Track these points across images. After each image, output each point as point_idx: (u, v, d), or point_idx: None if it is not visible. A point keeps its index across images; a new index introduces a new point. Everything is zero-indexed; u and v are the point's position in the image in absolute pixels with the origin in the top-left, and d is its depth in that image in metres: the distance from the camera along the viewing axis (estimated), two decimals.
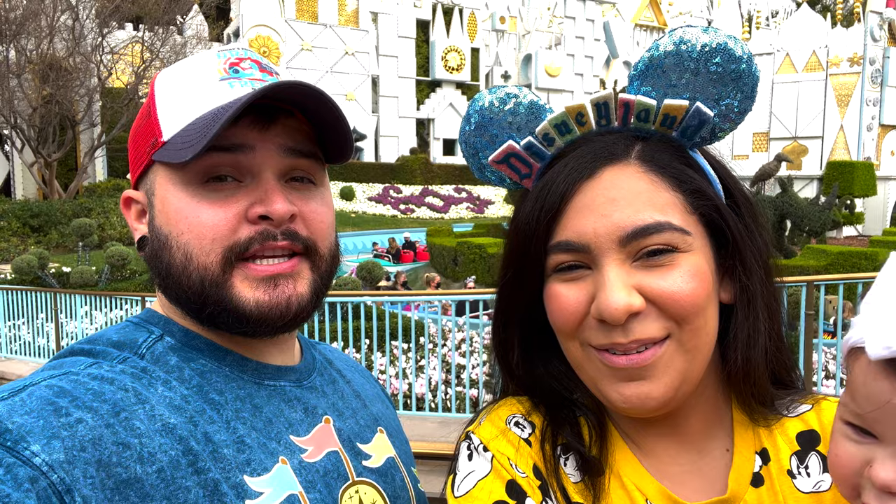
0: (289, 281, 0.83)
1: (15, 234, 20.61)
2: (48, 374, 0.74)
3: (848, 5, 35.48)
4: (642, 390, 0.73)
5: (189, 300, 0.83)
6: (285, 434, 0.85)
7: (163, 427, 0.73)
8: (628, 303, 0.71)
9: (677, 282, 0.72)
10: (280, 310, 0.82)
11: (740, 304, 0.78)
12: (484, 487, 0.78)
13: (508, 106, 0.84)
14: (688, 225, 0.74)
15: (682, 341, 0.73)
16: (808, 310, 5.21)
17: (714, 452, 0.81)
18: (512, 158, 0.81)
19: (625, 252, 0.72)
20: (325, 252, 0.88)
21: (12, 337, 9.94)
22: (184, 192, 0.81)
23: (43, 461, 0.63)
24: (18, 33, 23.80)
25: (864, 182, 27.41)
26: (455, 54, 38.52)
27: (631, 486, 0.78)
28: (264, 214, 0.81)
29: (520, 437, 0.82)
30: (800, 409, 0.83)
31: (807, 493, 0.78)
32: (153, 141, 0.84)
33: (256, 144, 0.81)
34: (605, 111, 0.78)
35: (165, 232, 0.83)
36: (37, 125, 24.98)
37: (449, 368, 6.34)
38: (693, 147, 0.80)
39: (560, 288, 0.76)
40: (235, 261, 0.81)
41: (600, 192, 0.74)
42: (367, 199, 31.31)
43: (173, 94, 0.85)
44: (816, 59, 31.04)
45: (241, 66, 0.86)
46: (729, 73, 0.76)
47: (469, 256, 17.25)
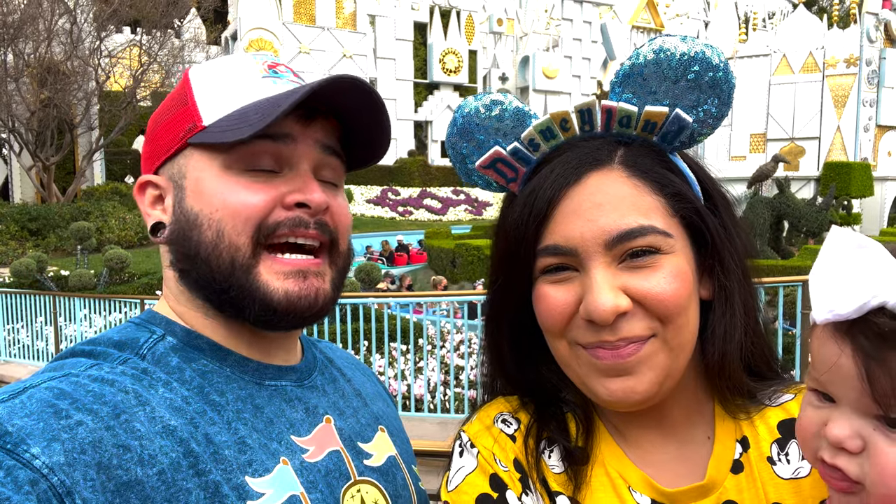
0: (317, 277, 0.86)
1: (13, 237, 20.56)
2: (48, 375, 0.74)
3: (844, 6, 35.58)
4: (627, 385, 0.77)
5: (214, 281, 0.83)
6: (286, 434, 0.85)
7: (163, 429, 0.73)
8: (615, 304, 0.74)
9: (661, 283, 0.75)
10: (309, 301, 0.84)
11: (718, 301, 0.82)
12: (471, 482, 0.83)
13: (494, 112, 0.87)
14: (670, 227, 0.77)
15: (667, 339, 0.76)
16: (805, 309, 5.22)
17: (696, 441, 0.84)
18: (498, 163, 0.84)
19: (610, 255, 0.76)
20: (343, 249, 0.91)
21: (11, 340, 9.91)
22: (223, 174, 0.84)
23: (43, 464, 0.63)
24: (16, 37, 23.76)
25: (861, 183, 27.45)
26: (453, 56, 38.53)
27: (615, 474, 0.82)
28: (302, 202, 0.84)
29: (504, 433, 0.87)
30: (782, 398, 0.86)
31: (786, 479, 0.81)
32: (190, 126, 0.86)
33: (298, 136, 0.85)
34: (588, 117, 0.81)
35: (196, 210, 0.84)
36: (35, 129, 24.93)
37: (448, 370, 6.34)
38: (673, 151, 0.83)
39: (548, 289, 0.79)
40: (264, 242, 0.83)
41: (586, 197, 0.77)
42: (365, 201, 31.28)
43: (214, 85, 0.88)
44: (813, 61, 31.08)
45: (278, 70, 0.91)
46: (706, 81, 0.79)
47: (467, 258, 17.24)
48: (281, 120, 0.81)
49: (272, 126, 0.80)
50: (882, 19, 31.06)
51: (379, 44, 36.32)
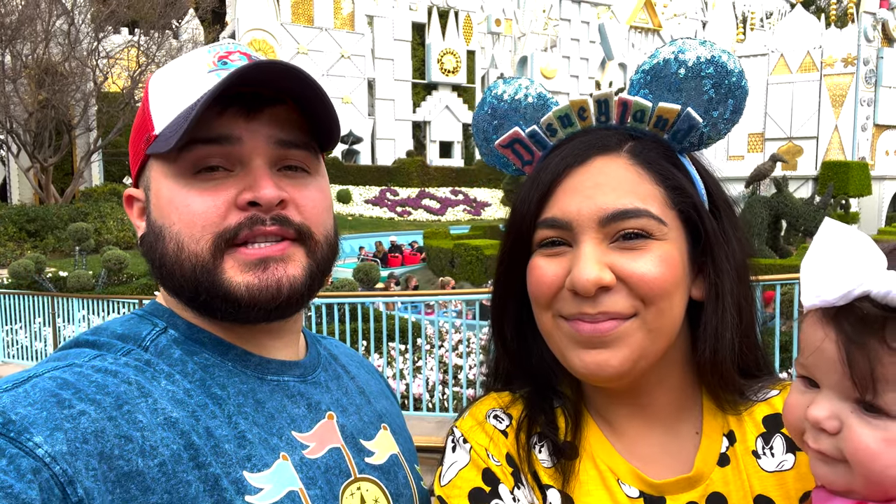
0: (279, 264, 0.83)
1: (11, 238, 20.52)
2: (52, 365, 0.75)
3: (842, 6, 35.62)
4: (601, 357, 0.79)
5: (183, 289, 0.83)
6: (287, 430, 0.85)
7: (165, 421, 0.74)
8: (599, 276, 0.76)
9: (647, 264, 0.77)
10: (271, 292, 0.82)
11: (709, 300, 0.84)
12: (463, 476, 0.85)
13: (519, 95, 0.91)
14: (665, 217, 0.80)
15: (647, 320, 0.78)
16: (802, 307, 5.22)
17: (684, 434, 0.86)
18: (516, 144, 0.88)
19: (603, 232, 0.78)
20: (320, 238, 0.88)
21: (10, 341, 9.91)
22: (175, 182, 0.82)
23: (45, 452, 0.64)
24: (14, 38, 23.71)
25: (859, 182, 27.48)
26: (451, 57, 38.51)
27: (603, 466, 0.84)
28: (253, 200, 0.81)
29: (497, 428, 0.89)
30: (768, 394, 0.88)
31: (770, 472, 0.83)
32: (147, 136, 0.85)
33: (243, 135, 0.82)
34: (605, 108, 0.85)
35: (160, 224, 0.84)
36: (33, 130, 24.87)
37: (446, 369, 6.35)
38: (682, 151, 0.86)
39: (541, 261, 0.82)
40: (226, 247, 0.81)
41: (588, 176, 0.80)
42: (363, 201, 31.25)
43: (164, 88, 0.86)
44: (811, 60, 31.11)
45: (229, 59, 0.87)
46: (721, 85, 0.82)
47: (466, 258, 17.24)
48: (218, 121, 0.79)
49: (203, 131, 0.78)
50: (879, 19, 31.09)
51: (377, 44, 36.30)
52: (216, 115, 0.80)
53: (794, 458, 0.84)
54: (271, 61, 0.80)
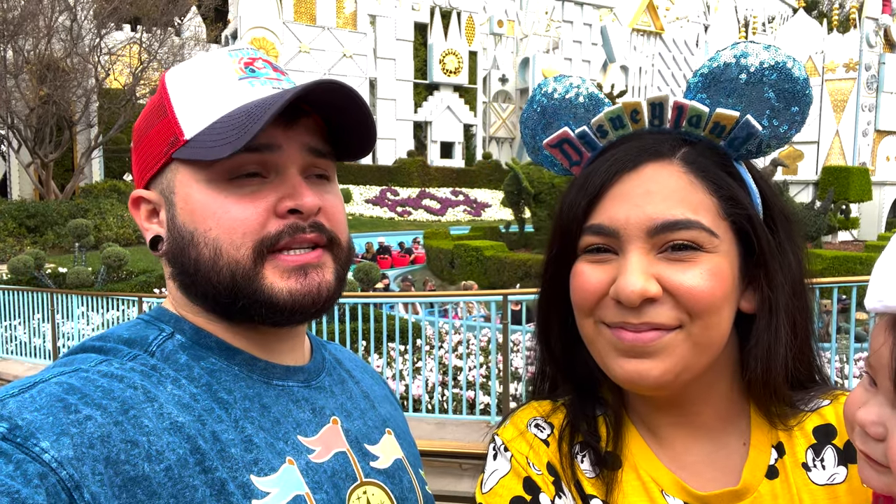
0: (317, 270, 0.86)
1: (11, 234, 20.52)
2: (58, 370, 0.75)
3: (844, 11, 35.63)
4: (643, 367, 0.77)
5: (219, 295, 0.83)
6: (293, 434, 0.85)
7: (171, 425, 0.74)
8: (644, 287, 0.74)
9: (696, 278, 0.75)
10: (312, 297, 0.85)
11: (761, 314, 0.81)
12: (504, 485, 0.84)
13: (570, 95, 0.89)
14: (717, 228, 0.77)
15: (692, 333, 0.76)
16: None
17: (731, 446, 0.84)
18: (565, 144, 0.86)
19: (651, 242, 0.76)
20: (344, 244, 0.91)
21: (8, 337, 9.90)
22: (209, 188, 0.82)
23: (52, 458, 0.63)
24: (16, 34, 23.70)
25: (860, 187, 27.51)
26: (453, 57, 38.53)
27: (647, 477, 0.82)
28: (294, 208, 0.83)
29: (538, 437, 0.88)
30: (820, 404, 0.85)
31: (821, 486, 0.81)
32: (172, 140, 0.84)
33: (283, 144, 0.84)
34: (659, 111, 0.81)
35: (191, 229, 0.83)
36: (34, 126, 24.87)
37: (446, 370, 6.35)
38: (738, 158, 0.83)
39: (585, 267, 0.80)
40: (267, 253, 0.83)
41: (639, 183, 0.78)
42: (364, 201, 31.27)
43: (191, 93, 0.86)
44: (812, 65, 31.14)
45: (255, 66, 0.88)
46: (783, 92, 0.78)
47: (466, 259, 17.24)
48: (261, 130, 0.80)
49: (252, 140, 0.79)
50: (882, 24, 31.13)
51: (379, 44, 36.32)
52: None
53: (847, 471, 0.81)
54: (335, 84, 0.82)
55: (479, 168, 36.18)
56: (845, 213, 24.64)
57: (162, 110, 0.87)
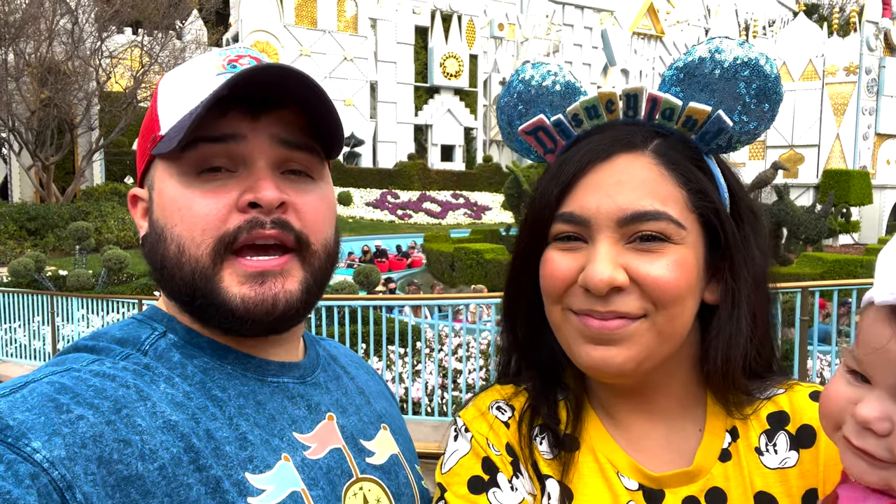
0: (277, 278, 0.82)
1: (12, 237, 20.52)
2: (50, 370, 0.74)
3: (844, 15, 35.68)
4: (608, 354, 0.79)
5: (180, 292, 0.83)
6: (288, 431, 0.85)
7: (164, 424, 0.73)
8: (612, 276, 0.76)
9: (663, 269, 0.77)
10: (266, 307, 0.80)
11: (724, 306, 0.83)
12: (463, 464, 0.86)
13: (547, 82, 0.90)
14: (685, 220, 0.79)
15: (657, 323, 0.78)
16: (803, 315, 5.23)
17: (687, 431, 0.86)
18: (540, 132, 0.87)
19: (620, 232, 0.78)
20: (318, 248, 0.86)
21: (8, 340, 9.90)
22: (178, 182, 0.81)
23: (44, 458, 0.63)
24: (17, 36, 23.75)
25: (860, 191, 27.51)
26: (453, 61, 38.58)
27: (603, 459, 0.84)
28: (254, 202, 0.80)
29: (499, 419, 0.90)
30: (774, 392, 0.87)
31: (773, 469, 0.83)
32: (153, 136, 0.85)
33: (248, 134, 0.81)
34: (633, 103, 0.83)
35: (161, 224, 0.83)
36: (35, 128, 24.89)
37: (445, 373, 6.34)
38: (708, 153, 0.84)
39: (555, 255, 0.82)
40: (225, 253, 0.80)
41: (611, 174, 0.79)
42: (364, 204, 31.27)
43: (172, 90, 0.86)
44: (813, 68, 31.19)
45: (238, 62, 0.86)
46: (755, 89, 0.80)
47: (466, 262, 17.24)
48: (222, 121, 0.79)
49: (208, 130, 0.78)
50: (882, 28, 31.17)
51: (380, 47, 36.37)
52: (221, 115, 0.80)
53: (798, 455, 0.83)
54: (275, 64, 0.80)
55: (479, 171, 36.20)
56: (846, 216, 24.64)
57: (151, 110, 0.88)
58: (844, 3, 51.16)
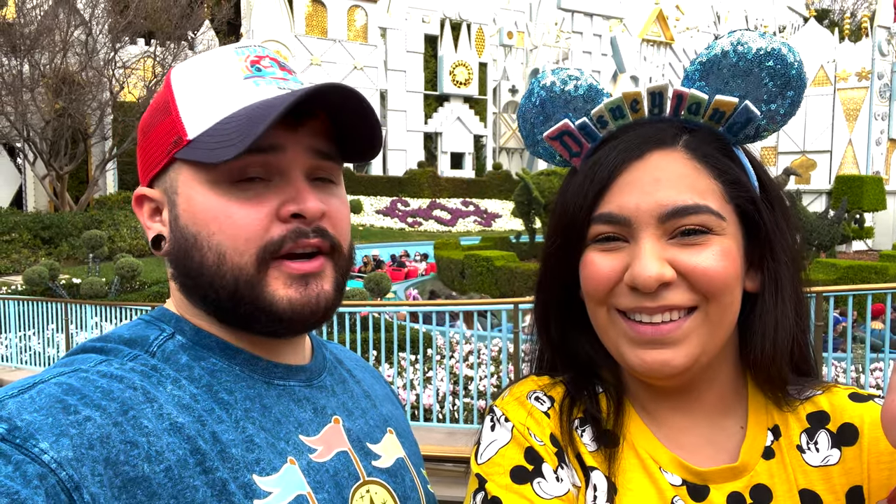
0: (318, 280, 0.84)
1: (26, 245, 20.74)
2: (58, 371, 0.74)
3: (856, 20, 35.50)
4: (664, 357, 0.78)
5: (221, 300, 0.82)
6: (294, 434, 0.85)
7: (171, 426, 0.73)
8: (660, 272, 0.76)
9: (709, 259, 0.77)
10: (311, 307, 0.83)
11: (768, 292, 0.83)
12: (505, 454, 0.84)
13: (569, 87, 0.90)
14: (724, 212, 0.79)
15: (709, 314, 0.78)
16: (818, 321, 5.18)
17: (728, 429, 0.85)
18: (565, 136, 0.86)
19: (662, 228, 0.78)
20: (346, 251, 0.89)
21: (23, 347, 9.99)
22: (212, 191, 0.81)
23: (51, 458, 0.63)
24: (32, 48, 24.10)
25: (874, 196, 27.27)
26: (463, 69, 38.72)
27: (645, 455, 0.83)
28: (297, 213, 0.82)
29: (539, 409, 0.88)
30: (812, 393, 0.87)
31: (815, 467, 0.82)
32: (175, 139, 0.83)
33: (287, 145, 0.82)
34: (658, 100, 0.83)
35: (193, 231, 0.82)
36: (49, 138, 25.20)
37: (456, 380, 6.33)
38: (736, 143, 0.85)
39: (596, 256, 0.82)
40: (270, 260, 0.82)
41: (646, 172, 0.79)
42: (374, 212, 31.37)
43: (195, 91, 0.84)
44: (824, 74, 31.02)
45: (262, 65, 0.87)
46: (779, 77, 0.81)
47: (476, 269, 17.23)
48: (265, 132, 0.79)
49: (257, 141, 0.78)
50: (894, 33, 30.97)
51: (390, 56, 36.57)
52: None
53: (840, 453, 0.82)
54: (337, 87, 0.81)
55: (489, 178, 36.24)
56: (859, 222, 24.39)
57: (166, 108, 0.85)
58: (856, 9, 50.92)
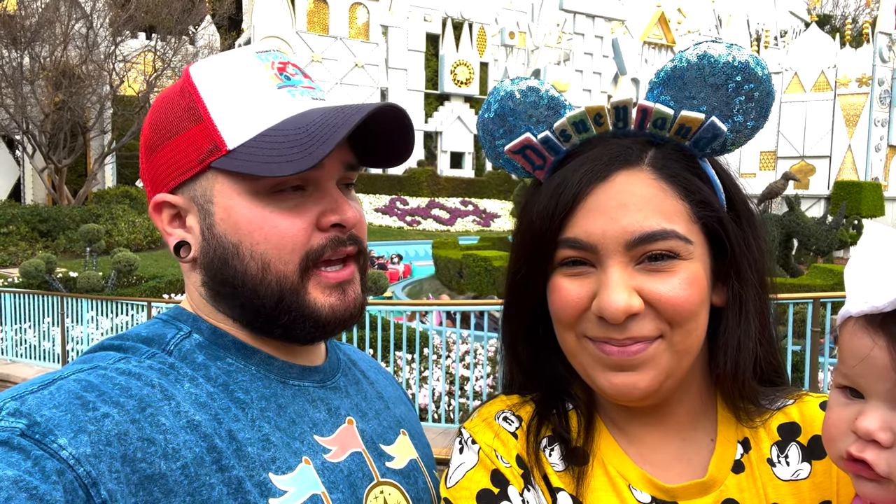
0: (351, 286, 0.89)
1: (23, 238, 20.67)
2: (77, 367, 0.75)
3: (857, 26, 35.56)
4: (630, 380, 0.78)
5: (263, 308, 0.84)
6: (309, 434, 0.86)
7: (188, 424, 0.74)
8: (628, 304, 0.75)
9: (675, 288, 0.76)
10: (350, 312, 0.88)
11: (732, 310, 0.82)
12: (471, 478, 0.84)
13: (530, 99, 0.87)
14: (691, 234, 0.78)
15: (674, 342, 0.77)
16: (814, 327, 5.20)
17: (699, 442, 0.85)
18: (528, 150, 0.84)
19: (629, 255, 0.76)
20: (365, 252, 0.93)
21: (18, 340, 9.96)
22: (253, 202, 0.82)
23: (70, 454, 0.64)
24: (33, 40, 24.03)
25: (872, 202, 27.32)
26: (464, 68, 38.70)
27: (614, 472, 0.83)
28: (338, 222, 0.85)
29: (506, 430, 0.88)
30: (784, 403, 0.87)
31: (785, 481, 0.82)
32: (210, 148, 0.82)
33: (326, 161, 0.83)
34: (623, 115, 0.81)
35: (234, 241, 0.83)
36: (48, 131, 25.13)
37: (453, 380, 6.33)
38: (703, 157, 0.83)
39: (564, 282, 0.80)
40: (311, 269, 0.84)
41: (612, 195, 0.78)
42: (373, 210, 31.33)
43: (229, 98, 0.83)
44: (825, 79, 31.07)
45: (288, 73, 0.87)
46: (746, 92, 0.78)
47: (474, 269, 17.23)
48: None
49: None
50: (895, 39, 31.02)
51: (391, 54, 36.53)
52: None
53: (810, 467, 0.83)
54: (393, 106, 0.84)
55: (488, 178, 36.21)
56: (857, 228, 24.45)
57: (195, 114, 0.83)
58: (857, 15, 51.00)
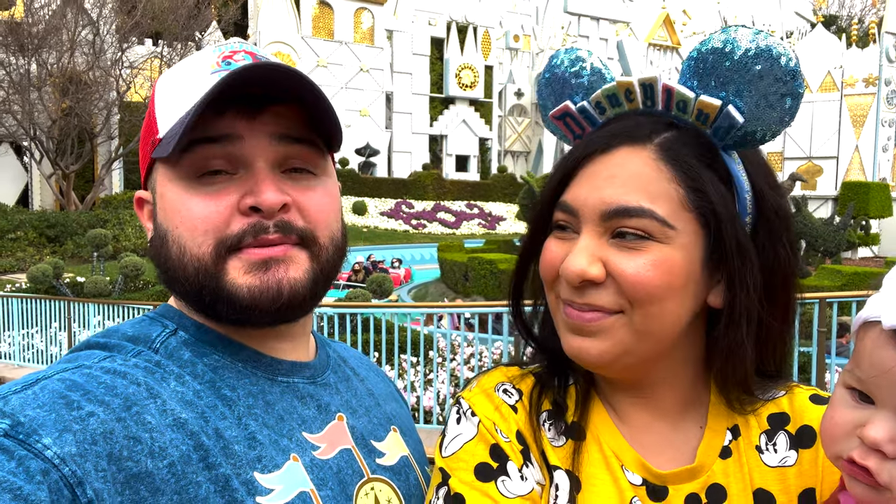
0: (280, 265, 0.81)
1: (31, 243, 20.80)
2: (62, 367, 0.75)
3: (863, 26, 35.42)
4: (584, 345, 0.79)
5: (188, 291, 0.83)
6: (297, 431, 0.85)
7: (174, 422, 0.73)
8: (583, 269, 0.76)
9: (639, 266, 0.75)
10: (272, 293, 0.80)
11: (724, 314, 0.80)
12: (469, 450, 0.83)
13: (575, 68, 0.89)
14: (676, 220, 0.76)
15: (633, 321, 0.77)
16: (821, 327, 5.17)
17: (688, 428, 0.86)
18: (567, 118, 0.87)
19: (604, 226, 0.77)
20: (325, 242, 0.86)
21: (26, 345, 10.01)
22: (178, 186, 0.82)
23: (55, 454, 0.63)
24: (40, 47, 24.22)
25: (880, 203, 27.14)
26: (469, 72, 38.72)
27: (609, 451, 0.83)
28: (255, 206, 0.80)
29: (506, 403, 0.88)
30: (775, 394, 0.87)
31: (772, 467, 0.83)
32: (152, 139, 0.85)
33: (244, 134, 0.80)
34: (650, 93, 0.81)
35: (165, 227, 0.84)
36: (56, 137, 25.31)
37: (458, 382, 6.31)
38: (726, 148, 0.80)
39: (551, 243, 0.83)
40: (227, 254, 0.81)
41: (607, 166, 0.79)
42: (379, 214, 31.36)
43: (168, 90, 0.85)
44: (831, 80, 30.94)
45: (233, 59, 0.85)
46: (770, 81, 0.75)
47: (480, 272, 17.22)
48: (219, 121, 0.78)
49: (205, 130, 0.77)
50: None
51: (396, 58, 36.60)
52: (218, 115, 0.79)
53: (797, 455, 0.84)
54: (267, 63, 0.79)
55: (493, 181, 36.22)
56: (865, 228, 24.32)
57: (150, 111, 0.87)
58: (863, 15, 50.81)
